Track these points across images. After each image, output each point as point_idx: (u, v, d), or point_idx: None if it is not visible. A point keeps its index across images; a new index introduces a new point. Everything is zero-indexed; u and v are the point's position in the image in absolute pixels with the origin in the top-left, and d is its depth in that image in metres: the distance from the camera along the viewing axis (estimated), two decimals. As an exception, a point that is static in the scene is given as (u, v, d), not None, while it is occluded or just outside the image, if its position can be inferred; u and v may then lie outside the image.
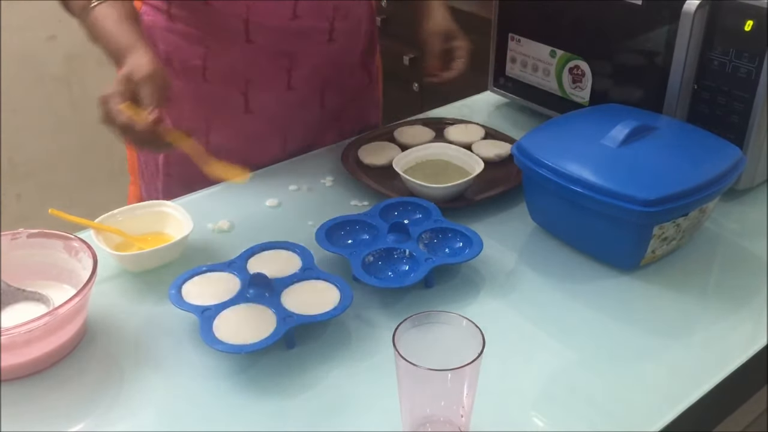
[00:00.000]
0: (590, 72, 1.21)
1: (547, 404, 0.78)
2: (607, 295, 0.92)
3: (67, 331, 0.82)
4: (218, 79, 1.16)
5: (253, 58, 1.15)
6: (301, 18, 1.13)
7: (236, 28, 1.11)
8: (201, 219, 1.02)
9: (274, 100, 1.19)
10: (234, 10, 1.10)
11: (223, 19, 1.11)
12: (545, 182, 0.95)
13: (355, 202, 1.10)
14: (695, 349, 0.86)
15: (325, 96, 1.24)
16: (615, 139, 0.95)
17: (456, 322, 0.70)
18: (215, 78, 1.16)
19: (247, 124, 1.20)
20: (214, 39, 1.13)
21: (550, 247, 1.01)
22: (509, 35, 1.31)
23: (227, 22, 1.11)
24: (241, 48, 1.13)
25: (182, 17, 1.14)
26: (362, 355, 0.83)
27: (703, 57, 1.06)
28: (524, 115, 1.35)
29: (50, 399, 0.79)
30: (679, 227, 0.93)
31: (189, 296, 0.86)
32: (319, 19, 1.15)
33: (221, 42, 1.13)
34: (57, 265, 0.89)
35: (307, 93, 1.22)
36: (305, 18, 1.13)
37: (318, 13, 1.15)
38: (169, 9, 1.14)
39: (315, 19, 1.15)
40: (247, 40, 1.13)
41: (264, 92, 1.18)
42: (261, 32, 1.12)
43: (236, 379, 0.80)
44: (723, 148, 0.98)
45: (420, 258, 0.92)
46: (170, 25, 1.15)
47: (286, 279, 0.89)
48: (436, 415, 0.72)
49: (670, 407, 0.76)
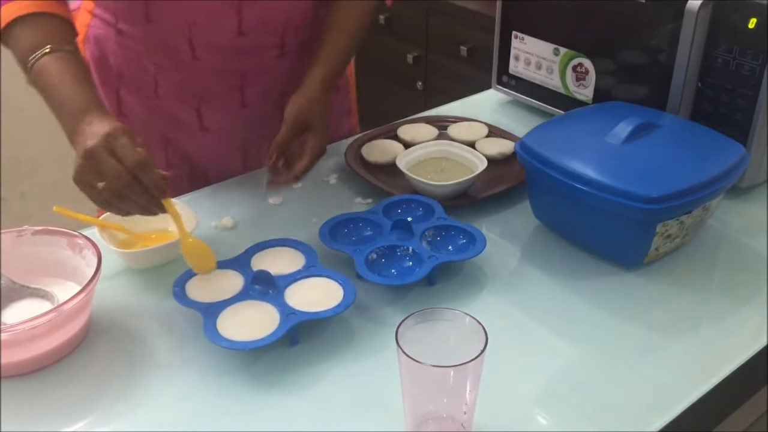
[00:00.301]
0: (594, 70, 1.21)
1: (550, 401, 0.78)
2: (611, 293, 0.92)
3: (72, 327, 0.82)
4: (170, 96, 1.13)
5: (202, 76, 1.10)
6: (247, 35, 1.07)
7: (181, 46, 1.07)
8: (205, 217, 1.03)
9: (229, 118, 1.15)
10: (176, 29, 1.05)
11: (168, 37, 1.07)
12: (548, 180, 0.95)
13: (358, 200, 1.10)
14: (698, 346, 0.86)
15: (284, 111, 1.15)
16: (618, 137, 0.95)
17: (459, 319, 0.70)
18: (167, 95, 1.12)
19: (203, 140, 1.17)
20: (163, 56, 1.09)
21: (554, 244, 1.01)
22: (513, 33, 1.31)
23: (172, 40, 1.07)
24: (189, 66, 1.09)
25: (130, 33, 1.09)
26: (365, 352, 0.83)
27: (707, 54, 1.05)
28: (528, 113, 1.35)
29: (54, 395, 0.79)
30: (682, 225, 0.93)
31: (193, 293, 0.86)
32: (268, 35, 1.09)
33: (170, 60, 1.09)
34: (61, 262, 0.90)
35: (264, 109, 1.16)
36: (252, 35, 1.07)
37: (266, 30, 1.08)
38: (116, 24, 1.09)
39: (263, 36, 1.09)
40: (193, 58, 1.08)
41: (217, 110, 1.14)
42: (207, 50, 1.07)
43: (240, 376, 0.80)
44: (726, 146, 0.98)
45: (423, 255, 0.92)
46: (120, 40, 1.10)
47: (290, 276, 0.89)
48: (439, 412, 0.72)
49: (672, 405, 0.77)
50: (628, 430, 0.74)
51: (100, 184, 0.82)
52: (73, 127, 0.87)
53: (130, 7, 1.05)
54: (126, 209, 0.86)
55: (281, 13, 1.08)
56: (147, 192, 0.84)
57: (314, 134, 1.02)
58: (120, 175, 0.82)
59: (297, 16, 1.10)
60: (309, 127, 1.02)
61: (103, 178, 0.82)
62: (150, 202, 0.85)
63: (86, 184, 0.84)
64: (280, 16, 1.08)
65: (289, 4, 1.08)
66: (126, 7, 1.06)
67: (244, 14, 1.04)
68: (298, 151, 1.01)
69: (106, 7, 1.10)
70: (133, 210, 0.86)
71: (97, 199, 0.85)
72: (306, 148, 1.01)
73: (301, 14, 1.11)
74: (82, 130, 0.85)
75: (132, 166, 0.83)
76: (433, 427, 0.72)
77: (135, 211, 0.86)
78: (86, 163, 0.83)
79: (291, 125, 1.01)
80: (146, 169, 0.83)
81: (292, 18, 1.10)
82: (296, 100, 1.04)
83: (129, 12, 1.06)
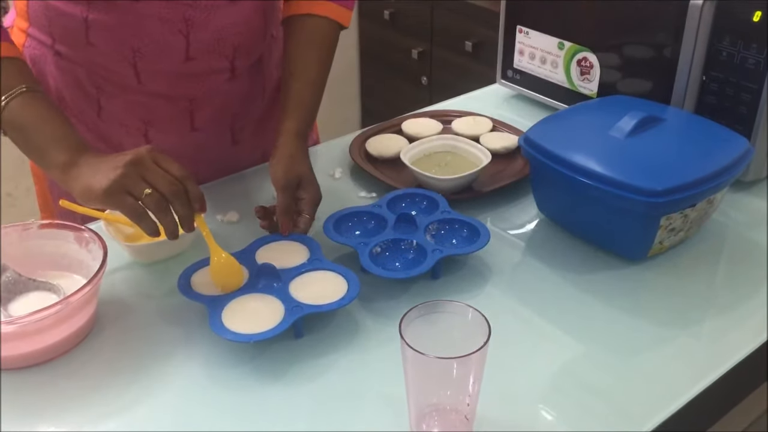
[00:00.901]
0: (598, 64, 1.21)
1: (553, 394, 0.78)
2: (614, 286, 0.92)
3: (78, 320, 0.83)
4: (115, 120, 1.07)
5: (149, 101, 1.05)
6: (195, 60, 1.03)
7: (125, 71, 1.02)
8: (210, 210, 1.03)
9: (178, 142, 1.09)
10: (119, 54, 1.00)
11: (110, 61, 1.01)
12: (552, 173, 0.95)
13: (363, 194, 1.11)
14: (702, 340, 0.86)
15: (236, 133, 1.15)
16: (622, 131, 0.95)
17: (462, 312, 0.71)
18: (111, 119, 1.07)
19: None
20: (105, 81, 1.04)
21: (558, 238, 1.01)
22: (517, 27, 1.31)
23: (115, 64, 1.01)
24: (135, 92, 1.04)
25: (69, 56, 1.03)
26: (369, 345, 0.84)
27: (711, 48, 1.05)
28: (532, 108, 1.35)
29: (61, 387, 0.79)
30: (686, 218, 0.93)
31: (198, 287, 0.87)
32: (217, 59, 1.05)
33: (113, 85, 1.04)
34: (68, 255, 0.90)
35: (215, 132, 1.13)
36: (201, 60, 1.03)
37: (215, 54, 1.04)
38: (53, 45, 1.03)
39: (212, 60, 1.04)
40: (139, 83, 1.03)
41: (166, 134, 1.09)
42: (153, 76, 1.03)
43: (245, 368, 0.81)
44: (731, 139, 0.98)
45: (427, 249, 0.92)
46: (58, 62, 1.04)
47: (294, 270, 0.89)
48: (442, 404, 0.72)
49: (674, 399, 0.77)
50: (629, 422, 0.74)
51: (147, 191, 0.81)
52: (73, 159, 0.85)
53: (68, 29, 1.00)
54: (163, 221, 0.83)
55: (231, 36, 1.04)
56: (189, 204, 0.84)
57: (307, 187, 0.97)
58: (171, 182, 0.82)
59: (247, 38, 1.06)
60: (300, 183, 0.97)
61: (150, 186, 0.81)
62: (189, 216, 0.84)
63: (125, 193, 0.81)
64: (229, 39, 1.04)
65: (239, 26, 1.04)
66: (63, 29, 1.00)
67: (191, 38, 1.00)
68: (296, 207, 0.97)
69: (41, 27, 1.03)
70: (169, 224, 0.83)
71: (135, 209, 0.82)
72: (304, 203, 0.96)
73: (251, 36, 1.07)
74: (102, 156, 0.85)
75: (180, 175, 0.83)
76: (437, 418, 0.72)
77: (169, 226, 0.83)
78: (131, 171, 0.81)
79: (285, 190, 0.95)
80: (192, 180, 0.84)
81: (242, 40, 1.06)
82: (278, 162, 0.97)
83: (66, 34, 1.01)
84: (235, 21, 1.03)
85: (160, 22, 0.98)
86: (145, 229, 0.83)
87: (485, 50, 2.31)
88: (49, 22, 1.01)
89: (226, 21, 1.02)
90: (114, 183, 0.81)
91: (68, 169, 0.85)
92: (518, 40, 1.32)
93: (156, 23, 0.98)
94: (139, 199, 0.81)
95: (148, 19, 0.98)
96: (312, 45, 1.06)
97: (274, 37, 1.16)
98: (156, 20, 0.98)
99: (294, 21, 1.08)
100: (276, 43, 1.17)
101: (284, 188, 0.95)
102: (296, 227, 0.95)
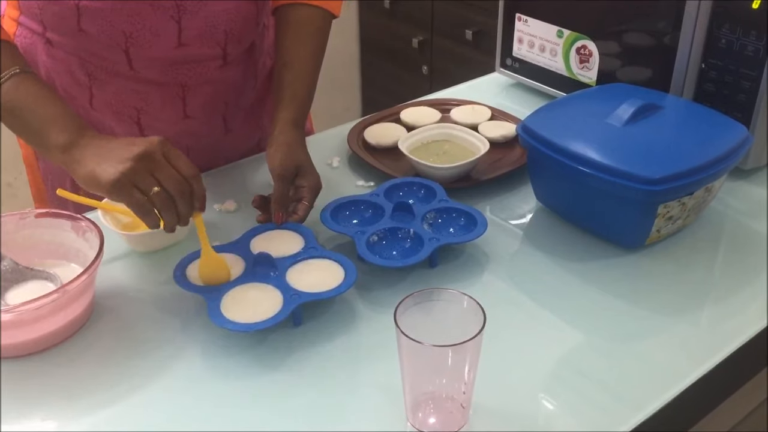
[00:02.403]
0: (597, 52, 1.20)
1: (551, 381, 0.78)
2: (612, 275, 0.92)
3: (75, 308, 0.83)
4: (107, 108, 1.06)
5: (141, 88, 1.05)
6: (188, 46, 1.02)
7: (117, 58, 1.01)
8: (208, 199, 1.02)
9: (171, 130, 1.08)
10: (111, 40, 0.99)
11: (102, 48, 1.01)
12: (550, 161, 0.95)
13: (360, 183, 1.10)
14: (700, 327, 0.86)
15: (228, 121, 1.15)
16: (620, 118, 0.95)
17: (457, 300, 0.71)
18: (103, 107, 1.06)
19: None
20: (97, 68, 1.03)
21: (555, 226, 1.01)
22: (516, 15, 1.30)
23: (106, 51, 1.01)
24: (127, 78, 1.04)
25: (60, 43, 1.02)
26: (367, 333, 0.84)
27: (711, 35, 1.05)
28: (532, 96, 1.34)
29: (58, 375, 0.80)
30: (684, 206, 0.93)
31: (194, 277, 0.87)
32: (209, 45, 1.04)
33: (105, 72, 1.03)
34: (65, 244, 0.90)
35: (207, 120, 1.12)
36: (193, 46, 1.03)
37: (207, 40, 1.03)
38: (44, 33, 1.02)
39: (204, 46, 1.04)
40: (131, 70, 1.03)
41: (159, 122, 1.09)
42: (145, 62, 1.02)
43: (244, 357, 0.81)
44: (730, 127, 0.97)
45: (424, 237, 0.92)
46: (50, 50, 1.03)
47: (290, 258, 0.89)
48: (438, 392, 0.72)
49: (673, 384, 0.77)
50: (627, 409, 0.74)
51: (156, 189, 0.81)
52: (74, 140, 0.85)
53: (59, 16, 0.99)
54: (166, 217, 0.82)
55: (223, 23, 1.03)
56: (192, 204, 0.84)
57: (307, 176, 0.96)
58: (180, 182, 0.82)
59: (239, 25, 1.06)
60: (299, 170, 0.96)
61: (158, 183, 0.81)
62: (190, 214, 0.84)
63: (131, 187, 0.80)
64: (221, 25, 1.03)
65: (231, 13, 1.04)
66: (55, 16, 1.00)
67: (184, 24, 1.00)
68: (295, 194, 0.96)
69: (33, 15, 1.03)
70: (171, 220, 0.83)
71: (141, 204, 0.81)
72: (303, 191, 0.96)
73: (243, 23, 1.06)
74: (105, 138, 0.84)
75: (188, 174, 0.83)
76: (433, 406, 0.72)
77: (171, 222, 0.83)
78: (140, 166, 0.80)
79: (282, 178, 0.94)
80: (199, 180, 0.84)
81: (234, 27, 1.05)
82: (276, 151, 0.96)
83: (58, 22, 1.00)
84: (227, 7, 1.03)
85: (152, 7, 0.98)
86: (148, 223, 0.83)
87: (486, 39, 2.30)
88: (40, 9, 1.01)
89: (218, 7, 1.02)
90: (123, 176, 0.80)
91: (69, 149, 0.84)
92: (517, 28, 1.31)
93: (148, 9, 0.98)
94: (146, 195, 0.81)
95: (140, 5, 0.98)
96: (304, 35, 1.07)
97: (266, 25, 1.16)
98: (148, 6, 0.98)
99: (285, 10, 1.08)
100: (267, 31, 1.17)
101: (281, 177, 0.95)
102: (295, 214, 0.95)
